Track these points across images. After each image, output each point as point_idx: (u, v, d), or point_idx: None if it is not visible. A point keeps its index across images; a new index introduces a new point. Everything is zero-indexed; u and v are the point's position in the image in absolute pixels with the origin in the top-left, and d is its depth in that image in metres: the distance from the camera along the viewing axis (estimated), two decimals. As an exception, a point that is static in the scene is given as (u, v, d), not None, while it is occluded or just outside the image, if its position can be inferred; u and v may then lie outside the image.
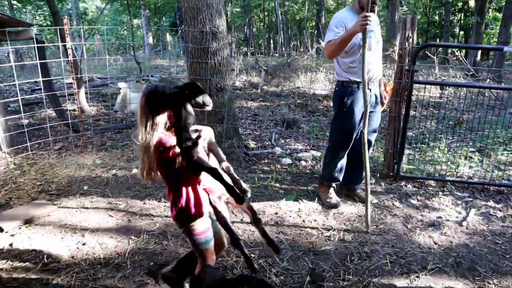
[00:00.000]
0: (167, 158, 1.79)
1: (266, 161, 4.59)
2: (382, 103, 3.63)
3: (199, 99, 1.80)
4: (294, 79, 9.37)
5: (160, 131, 1.78)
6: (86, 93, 6.60)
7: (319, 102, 7.67)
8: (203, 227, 1.95)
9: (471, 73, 9.30)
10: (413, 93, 3.98)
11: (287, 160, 4.56)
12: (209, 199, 2.01)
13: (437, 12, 24.03)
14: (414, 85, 3.92)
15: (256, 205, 3.53)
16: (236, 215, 3.38)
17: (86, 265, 2.68)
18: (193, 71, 4.65)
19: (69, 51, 4.67)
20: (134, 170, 4.34)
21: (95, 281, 2.52)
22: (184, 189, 1.88)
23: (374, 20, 3.30)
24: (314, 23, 26.98)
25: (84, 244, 2.94)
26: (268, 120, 6.35)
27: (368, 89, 3.30)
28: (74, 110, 6.42)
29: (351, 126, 3.32)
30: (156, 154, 1.78)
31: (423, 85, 4.82)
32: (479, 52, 16.46)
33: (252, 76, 9.95)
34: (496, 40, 19.29)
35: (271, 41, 32.70)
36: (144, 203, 3.62)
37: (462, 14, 23.34)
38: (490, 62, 18.89)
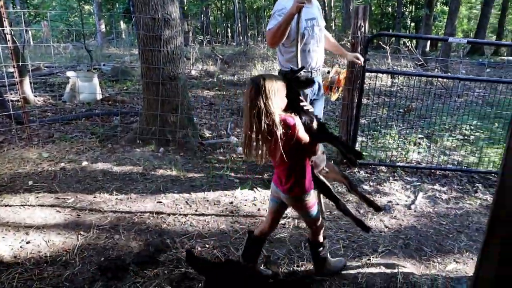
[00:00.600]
0: (291, 136, 1.88)
1: (221, 150, 4.55)
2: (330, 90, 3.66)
3: (303, 79, 2.09)
4: (250, 68, 9.34)
5: (278, 113, 1.86)
6: (31, 82, 6.22)
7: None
8: (313, 199, 2.16)
9: (420, 63, 9.68)
10: (366, 82, 4.07)
11: (243, 149, 4.55)
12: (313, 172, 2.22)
13: (390, 4, 24.76)
14: (367, 73, 4.01)
15: (211, 195, 3.50)
16: (191, 207, 3.33)
17: (30, 264, 2.54)
18: (145, 59, 4.50)
19: (8, 37, 4.36)
20: (84, 163, 4.15)
21: (41, 280, 2.39)
22: (301, 164, 2.05)
23: (315, 6, 3.28)
24: (271, 12, 26.93)
25: (28, 242, 2.77)
26: (224, 109, 6.29)
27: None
28: (17, 100, 6.05)
29: None
30: (279, 134, 1.85)
31: (375, 74, 4.94)
32: (428, 43, 17.15)
33: (209, 65, 9.81)
34: (443, 31, 20.20)
35: (229, 30, 32.48)
36: (95, 197, 3.48)
37: (413, 6, 24.20)
38: (438, 53, 19.77)
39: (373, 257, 2.71)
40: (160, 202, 3.39)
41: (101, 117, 5.66)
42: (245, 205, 3.34)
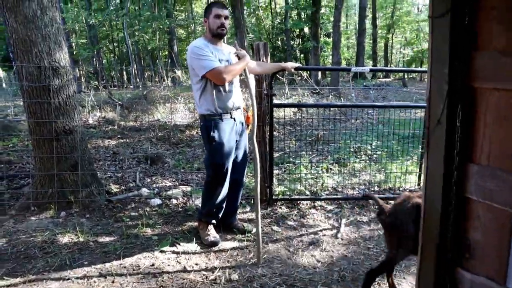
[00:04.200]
0: None
1: (133, 205, 4.13)
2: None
3: None
4: (152, 111, 8.98)
5: None
6: None
7: (181, 133, 7.42)
8: None
9: (316, 91, 10.29)
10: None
11: (156, 201, 4.19)
12: None
13: (279, 38, 26.45)
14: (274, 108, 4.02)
15: (128, 260, 3.08)
16: (106, 278, 2.88)
17: None
18: (33, 113, 3.97)
19: None
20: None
21: None
22: None
23: (226, 51, 3.27)
24: (166, 52, 27.00)
25: None
26: (130, 158, 5.84)
27: (232, 118, 3.24)
28: None
29: (222, 161, 3.19)
30: None
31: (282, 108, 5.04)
32: (319, 72, 18.50)
33: (107, 111, 9.20)
34: (330, 60, 22.09)
35: (124, 73, 31.48)
36: None
37: (300, 39, 26.15)
38: (328, 80, 21.48)
39: (312, 298, 2.59)
40: (68, 279, 2.87)
41: (-18, 185, 4.83)
42: (168, 265, 3.01)
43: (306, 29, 24.71)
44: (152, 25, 19.37)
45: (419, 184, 4.78)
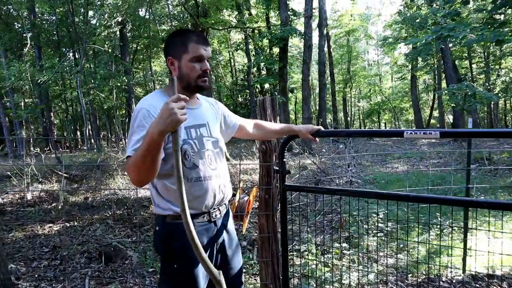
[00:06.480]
0: None
1: None
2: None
3: None
4: (109, 181, 7.52)
5: None
6: None
7: (145, 210, 6.01)
8: None
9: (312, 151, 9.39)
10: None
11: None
12: None
13: (239, 95, 26.17)
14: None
15: None
16: None
17: None
18: None
19: None
20: None
21: None
22: None
23: (206, 106, 2.05)
24: (124, 111, 25.85)
25: None
26: (78, 253, 4.35)
27: (211, 222, 1.89)
28: None
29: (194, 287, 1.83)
30: None
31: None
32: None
33: (51, 183, 7.63)
34: (300, 115, 21.66)
35: (77, 133, 29.73)
36: None
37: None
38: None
39: None
40: None
41: None
42: None
43: (267, 85, 24.51)
44: (109, 83, 18.16)
45: (464, 271, 3.69)
